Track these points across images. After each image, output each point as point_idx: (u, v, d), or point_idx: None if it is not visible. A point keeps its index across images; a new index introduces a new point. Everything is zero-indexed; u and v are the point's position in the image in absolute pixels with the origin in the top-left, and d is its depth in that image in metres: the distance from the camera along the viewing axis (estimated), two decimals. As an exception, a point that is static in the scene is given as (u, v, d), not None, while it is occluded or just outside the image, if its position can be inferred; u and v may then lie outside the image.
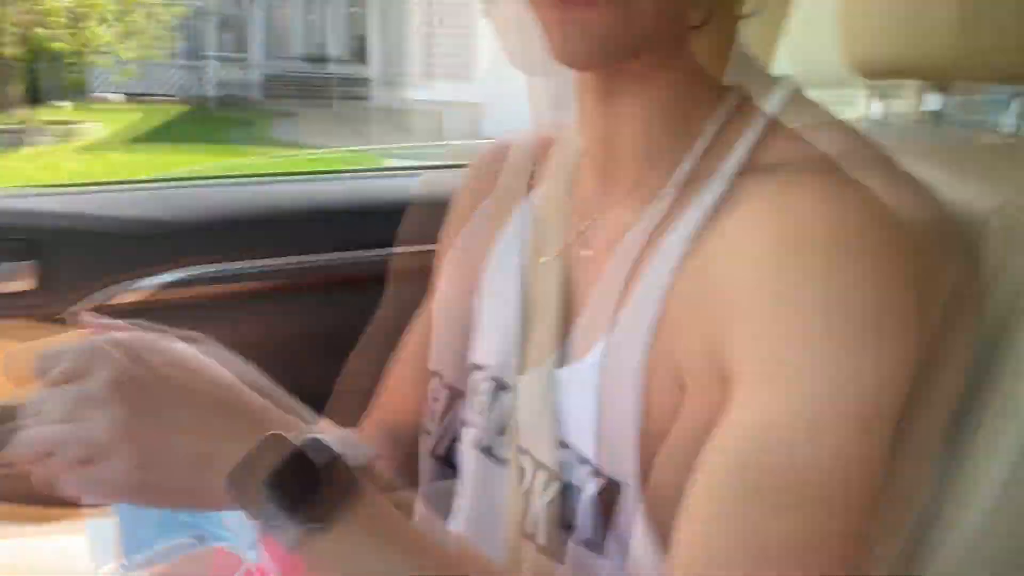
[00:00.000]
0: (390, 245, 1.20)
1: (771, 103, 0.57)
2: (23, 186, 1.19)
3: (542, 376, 0.61)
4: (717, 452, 0.49)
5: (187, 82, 13.38)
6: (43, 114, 9.71)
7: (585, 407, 0.58)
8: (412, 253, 0.88)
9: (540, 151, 0.74)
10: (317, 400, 0.94)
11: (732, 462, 0.48)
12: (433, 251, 0.89)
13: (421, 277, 0.84)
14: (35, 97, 10.35)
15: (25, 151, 8.10)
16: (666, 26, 0.53)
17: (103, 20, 9.04)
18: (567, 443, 0.59)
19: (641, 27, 0.52)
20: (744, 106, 0.58)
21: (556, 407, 0.60)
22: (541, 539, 0.59)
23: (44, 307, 1.13)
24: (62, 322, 1.14)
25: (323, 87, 15.23)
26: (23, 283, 1.11)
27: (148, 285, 1.13)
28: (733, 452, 0.48)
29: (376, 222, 1.21)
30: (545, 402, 0.61)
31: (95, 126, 9.34)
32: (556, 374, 0.61)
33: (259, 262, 1.18)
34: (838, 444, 0.46)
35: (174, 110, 11.83)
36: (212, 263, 1.17)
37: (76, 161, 7.84)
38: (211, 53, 13.59)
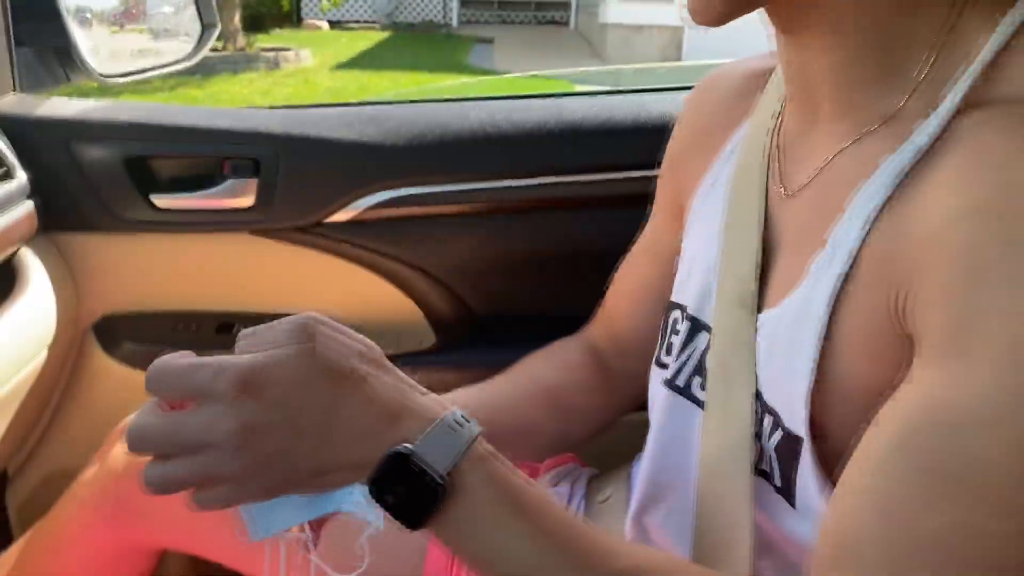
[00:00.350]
0: (606, 168, 1.17)
1: (1009, 17, 0.49)
2: (247, 107, 1.24)
3: (739, 321, 0.60)
4: (887, 421, 0.45)
5: (387, 8, 13.73)
6: (261, 40, 10.32)
7: (769, 358, 0.57)
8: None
9: (755, 82, 0.70)
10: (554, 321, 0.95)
11: (897, 436, 0.44)
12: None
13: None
14: (254, 25, 11.02)
15: (244, 75, 8.66)
16: None
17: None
18: (759, 391, 0.58)
19: None
20: (972, 20, 0.50)
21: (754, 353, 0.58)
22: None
23: (263, 223, 1.18)
24: (277, 237, 1.19)
25: (521, 11, 15.25)
26: (246, 199, 1.16)
27: (363, 204, 1.15)
28: (901, 425, 0.44)
29: (587, 143, 1.18)
30: (739, 346, 0.59)
31: (305, 52, 9.81)
32: (753, 319, 0.59)
33: (469, 184, 1.18)
34: (1016, 440, 0.40)
35: (375, 36, 12.21)
36: (422, 184, 1.17)
37: (287, 86, 8.29)
38: (411, -21, 13.85)
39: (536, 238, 1.20)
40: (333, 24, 13.08)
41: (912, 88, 0.51)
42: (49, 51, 1.20)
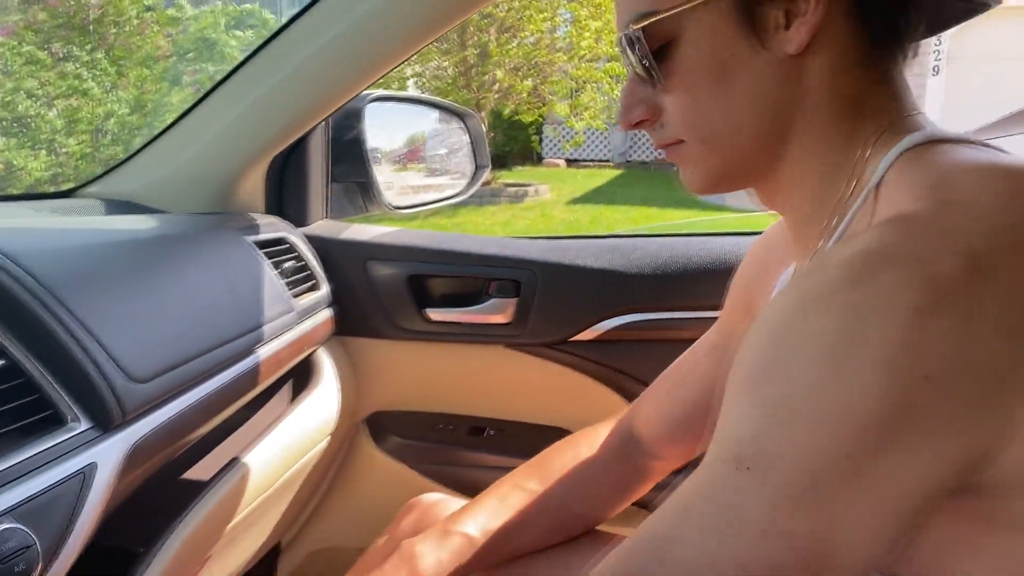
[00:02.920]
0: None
1: (884, 162, 0.58)
2: (512, 237, 1.41)
3: None
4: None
5: (622, 148, 14.31)
6: (504, 176, 11.11)
7: None
8: None
9: None
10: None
11: None
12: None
13: None
14: (499, 163, 11.91)
15: (488, 208, 9.33)
16: (765, 149, 0.62)
17: (563, 97, 10.15)
18: None
19: (738, 159, 0.63)
20: (872, 159, 0.60)
21: None
22: None
23: (518, 338, 1.32)
24: (529, 351, 1.32)
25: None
26: (505, 316, 1.31)
27: (607, 325, 1.26)
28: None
29: None
30: None
31: (544, 187, 10.43)
32: None
33: (701, 312, 1.25)
34: None
35: (609, 173, 12.74)
36: (659, 310, 1.27)
37: (526, 218, 8.82)
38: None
39: None
40: (570, 162, 13.82)
41: (833, 214, 0.62)
42: (353, 186, 1.45)
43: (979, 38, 9.35)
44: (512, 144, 13.46)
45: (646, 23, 0.62)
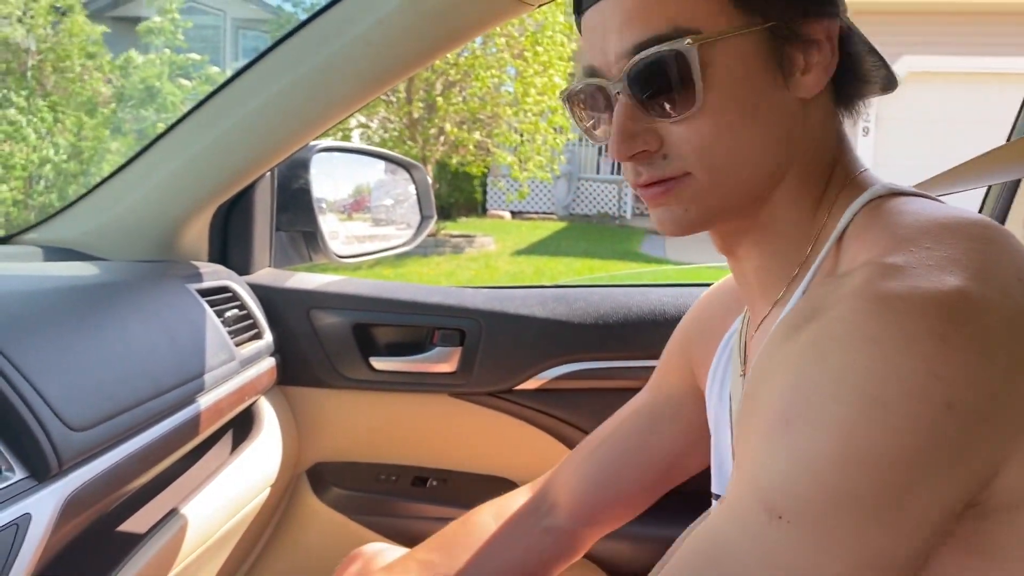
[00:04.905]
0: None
1: (850, 211, 0.61)
2: (456, 286, 1.42)
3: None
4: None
5: (565, 201, 14.52)
6: (449, 227, 11.15)
7: None
8: None
9: None
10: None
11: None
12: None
13: None
14: (443, 214, 11.96)
15: (432, 258, 9.34)
16: (760, 188, 0.63)
17: (508, 148, 10.28)
18: None
19: (735, 196, 0.63)
20: (836, 213, 0.63)
21: None
22: None
23: (462, 387, 1.33)
24: (473, 400, 1.33)
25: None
26: (449, 365, 1.32)
27: (550, 374, 1.28)
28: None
29: None
30: None
31: (488, 239, 10.49)
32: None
33: (641, 362, 1.28)
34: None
35: (553, 226, 12.88)
36: (601, 359, 1.29)
37: (470, 269, 8.85)
38: (587, 175, 14.67)
39: None
40: (515, 214, 13.93)
41: (800, 263, 0.65)
42: (298, 235, 1.45)
43: (903, 102, 9.80)
44: (457, 195, 13.55)
45: (695, 39, 0.58)
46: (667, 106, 0.60)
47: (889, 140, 10.26)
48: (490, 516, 0.95)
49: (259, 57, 1.12)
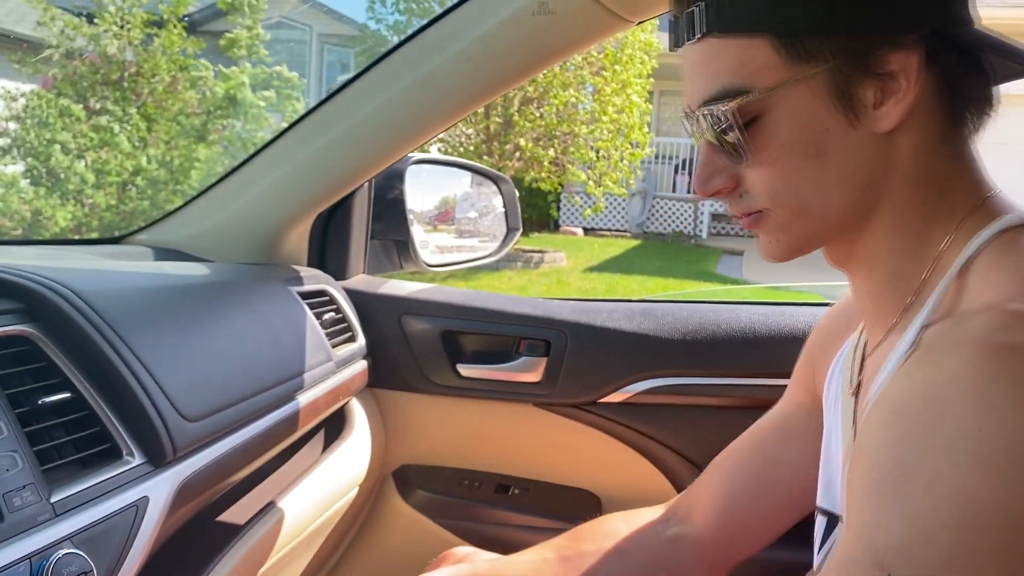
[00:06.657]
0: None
1: (976, 241, 0.60)
2: (545, 297, 1.44)
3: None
4: None
5: (639, 219, 14.45)
6: (521, 242, 11.20)
7: None
8: None
9: None
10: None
11: None
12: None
13: None
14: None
15: (503, 272, 9.40)
16: (850, 221, 0.63)
17: (583, 166, 10.30)
18: None
19: (822, 229, 0.64)
20: (958, 240, 0.61)
21: None
22: None
23: (547, 397, 1.34)
24: (557, 411, 1.34)
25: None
26: (535, 375, 1.33)
27: (635, 388, 1.29)
28: None
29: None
30: None
31: (560, 254, 10.51)
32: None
33: (729, 379, 1.27)
34: None
35: (626, 244, 12.83)
36: (687, 375, 1.29)
37: (540, 284, 8.87)
38: (662, 193, 14.58)
39: None
40: (588, 231, 13.93)
41: (915, 291, 0.63)
42: (391, 243, 1.49)
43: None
44: (530, 211, 13.61)
45: (739, 102, 0.61)
46: (732, 154, 0.64)
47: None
48: (622, 520, 0.96)
49: (362, 71, 1.16)
